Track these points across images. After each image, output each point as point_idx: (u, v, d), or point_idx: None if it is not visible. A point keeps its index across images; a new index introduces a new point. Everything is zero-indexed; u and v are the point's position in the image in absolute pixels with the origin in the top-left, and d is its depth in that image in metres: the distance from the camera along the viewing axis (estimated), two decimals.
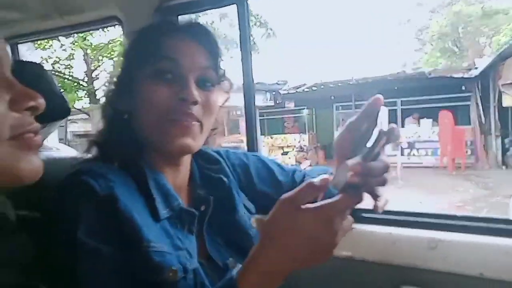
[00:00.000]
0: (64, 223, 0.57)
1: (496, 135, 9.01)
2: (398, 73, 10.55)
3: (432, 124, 10.06)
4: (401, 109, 10.62)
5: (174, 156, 0.71)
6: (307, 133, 11.89)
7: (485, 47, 16.67)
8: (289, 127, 13.03)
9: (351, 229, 0.52)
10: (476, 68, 9.63)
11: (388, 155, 0.58)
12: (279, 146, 11.38)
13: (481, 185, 7.40)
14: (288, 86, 11.98)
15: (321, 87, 11.12)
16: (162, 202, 0.64)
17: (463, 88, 9.78)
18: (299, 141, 11.35)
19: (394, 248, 0.90)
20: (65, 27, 1.27)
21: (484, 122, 9.43)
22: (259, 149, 1.27)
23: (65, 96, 0.91)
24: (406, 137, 10.07)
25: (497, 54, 8.69)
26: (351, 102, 10.95)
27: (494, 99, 9.05)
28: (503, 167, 8.84)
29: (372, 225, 0.96)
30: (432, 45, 19.45)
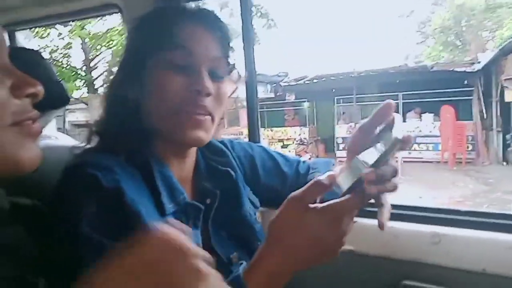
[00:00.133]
0: (67, 216, 0.56)
1: (497, 131, 9.01)
2: (400, 66, 10.52)
3: (434, 118, 10.04)
4: (403, 102, 10.59)
5: (183, 147, 0.69)
6: (307, 126, 11.88)
7: (488, 41, 16.57)
8: (289, 119, 13.00)
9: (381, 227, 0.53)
10: (479, 62, 9.60)
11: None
12: (279, 139, 11.39)
13: (481, 180, 7.41)
14: (289, 78, 11.95)
15: (322, 79, 11.10)
16: (167, 196, 0.63)
17: (465, 82, 9.75)
18: (299, 134, 11.35)
19: (396, 243, 0.90)
20: (64, 14, 1.25)
21: (485, 117, 9.41)
22: (260, 142, 1.25)
23: (64, 85, 0.90)
24: (408, 132, 10.05)
25: (499, 49, 8.64)
26: (352, 95, 10.92)
27: (496, 94, 9.03)
28: (504, 163, 8.85)
29: (374, 219, 0.94)
30: (434, 39, 19.33)
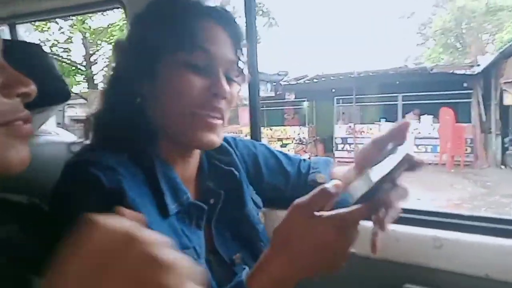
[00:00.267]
0: (66, 215, 0.53)
1: (496, 134, 9.02)
2: (400, 67, 10.52)
3: (433, 120, 10.06)
4: (402, 104, 10.61)
5: (189, 148, 0.68)
6: (307, 125, 11.88)
7: (488, 44, 16.60)
8: (289, 119, 13.00)
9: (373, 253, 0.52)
10: (479, 65, 9.61)
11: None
12: (278, 138, 11.39)
13: (479, 183, 7.43)
14: (289, 77, 11.94)
15: (322, 79, 11.10)
16: (170, 196, 0.61)
17: (464, 85, 9.76)
18: (299, 134, 11.35)
19: (398, 246, 0.89)
20: (66, 8, 1.23)
21: (484, 120, 9.43)
22: (262, 140, 1.25)
23: (65, 80, 0.89)
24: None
25: (499, 52, 8.66)
26: (352, 95, 10.93)
27: (496, 97, 9.05)
28: (502, 167, 8.87)
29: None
30: (434, 40, 19.35)
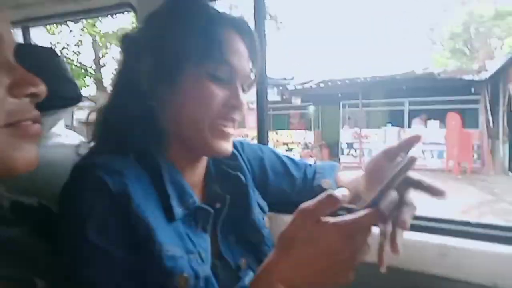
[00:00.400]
0: (72, 219, 0.54)
1: (503, 140, 8.92)
2: (407, 72, 10.46)
3: (440, 126, 9.97)
4: (409, 109, 10.54)
5: (199, 154, 0.69)
6: (312, 130, 11.85)
7: (496, 49, 16.45)
8: (294, 123, 12.98)
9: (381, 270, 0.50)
10: (487, 70, 9.52)
11: None
12: (283, 142, 11.36)
13: (486, 190, 7.33)
14: (295, 81, 11.93)
15: (329, 84, 11.06)
16: (177, 199, 0.61)
17: (472, 90, 9.68)
18: (304, 138, 11.32)
19: (404, 253, 0.88)
20: (77, 12, 1.25)
21: (492, 126, 9.33)
22: (268, 144, 1.25)
23: (77, 83, 0.90)
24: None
25: (508, 57, 8.57)
26: (358, 100, 10.89)
27: (504, 103, 8.95)
28: (510, 173, 8.75)
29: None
30: (442, 45, 19.22)
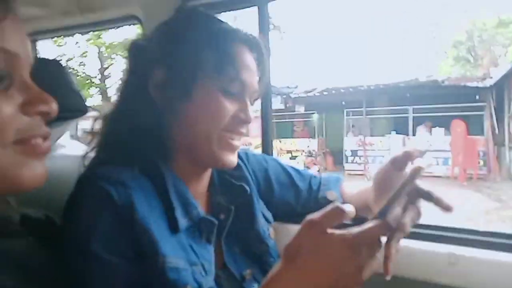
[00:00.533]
0: (76, 231, 0.54)
1: (509, 147, 8.85)
2: (411, 80, 10.47)
3: (444, 133, 9.92)
4: (413, 117, 10.51)
5: (205, 166, 0.69)
6: (316, 137, 11.84)
7: (500, 57, 16.43)
8: (298, 131, 12.99)
9: (386, 277, 0.48)
10: (491, 77, 9.51)
11: None
12: (287, 150, 11.35)
13: (492, 197, 7.26)
14: (298, 90, 11.98)
15: (332, 92, 11.10)
16: (181, 210, 0.61)
17: (477, 97, 9.65)
18: (308, 146, 11.31)
19: (411, 262, 0.87)
20: (85, 25, 1.27)
21: (497, 132, 9.28)
22: (273, 154, 1.25)
23: (83, 95, 0.91)
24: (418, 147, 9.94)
25: None
26: (362, 108, 10.88)
27: (509, 109, 8.90)
28: None
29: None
30: (446, 53, 19.25)
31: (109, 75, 11.95)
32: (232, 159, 0.67)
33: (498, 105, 9.32)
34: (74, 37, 10.53)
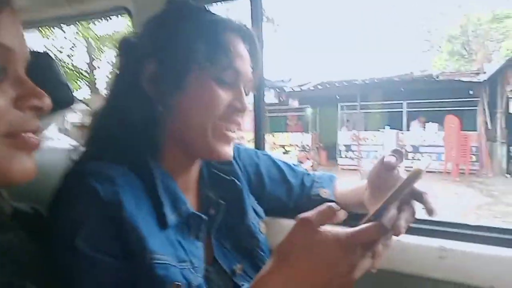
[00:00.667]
0: (63, 227, 0.54)
1: (501, 142, 8.95)
2: (405, 74, 10.50)
3: (438, 128, 9.99)
4: (407, 111, 10.57)
5: (195, 158, 0.69)
6: (310, 132, 11.86)
7: (494, 52, 16.54)
8: (292, 125, 12.98)
9: (371, 269, 0.49)
10: (485, 72, 9.58)
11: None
12: (281, 145, 11.35)
13: (484, 192, 7.35)
14: (292, 83, 11.96)
15: (326, 86, 11.10)
16: (170, 206, 0.60)
17: (470, 92, 9.72)
18: (302, 140, 11.32)
19: (402, 256, 0.88)
20: (72, 16, 1.25)
21: (490, 128, 9.37)
22: (265, 148, 1.24)
23: (70, 86, 0.89)
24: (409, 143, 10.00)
25: (506, 60, 8.63)
26: (356, 102, 10.91)
27: (502, 105, 8.99)
28: (508, 175, 8.78)
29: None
30: (440, 48, 19.32)
31: (98, 67, 11.84)
32: (228, 151, 0.65)
33: (491, 100, 9.41)
34: (62, 30, 10.38)
